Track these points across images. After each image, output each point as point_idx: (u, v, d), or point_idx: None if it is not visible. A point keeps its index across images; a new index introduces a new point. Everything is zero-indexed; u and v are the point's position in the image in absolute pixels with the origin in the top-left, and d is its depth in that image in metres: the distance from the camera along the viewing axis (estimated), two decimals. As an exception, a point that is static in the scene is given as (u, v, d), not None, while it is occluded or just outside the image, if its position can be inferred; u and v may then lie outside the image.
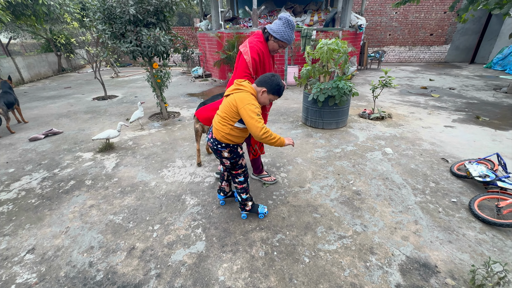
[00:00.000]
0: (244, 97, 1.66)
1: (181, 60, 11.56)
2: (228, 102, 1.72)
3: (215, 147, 1.86)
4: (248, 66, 1.95)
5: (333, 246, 1.90)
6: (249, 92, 1.70)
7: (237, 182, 2.05)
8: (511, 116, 4.58)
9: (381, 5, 11.20)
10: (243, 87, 1.72)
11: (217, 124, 1.81)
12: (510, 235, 1.97)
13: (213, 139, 1.86)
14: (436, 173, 2.81)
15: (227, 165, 1.96)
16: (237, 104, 1.65)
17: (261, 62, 1.99)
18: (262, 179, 2.72)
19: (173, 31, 4.62)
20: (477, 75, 8.61)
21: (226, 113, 1.73)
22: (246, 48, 1.95)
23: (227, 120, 1.74)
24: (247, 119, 1.62)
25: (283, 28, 1.89)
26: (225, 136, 1.79)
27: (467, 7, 5.80)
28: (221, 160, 1.95)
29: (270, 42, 1.99)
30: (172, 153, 3.41)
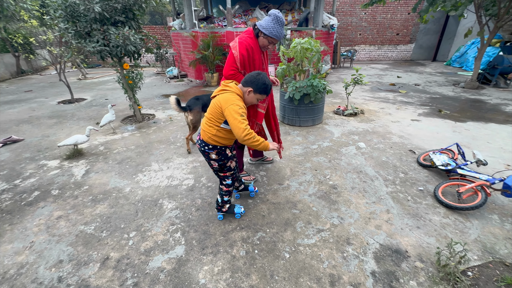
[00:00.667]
0: (229, 97, 1.65)
1: (154, 60, 11.17)
2: (213, 104, 1.72)
3: (203, 148, 1.84)
4: (236, 61, 1.97)
5: (312, 240, 1.95)
6: (234, 92, 1.69)
7: (224, 185, 2.03)
8: (469, 109, 5.01)
9: (351, 6, 11.67)
10: (229, 88, 1.71)
11: (204, 125, 1.79)
12: (470, 217, 2.15)
13: (200, 140, 1.84)
14: (405, 164, 3.00)
15: (215, 167, 1.92)
16: (221, 105, 1.64)
17: (250, 57, 2.00)
18: (241, 178, 2.71)
19: (144, 30, 4.46)
20: (439, 72, 9.30)
21: (212, 114, 1.72)
22: (235, 44, 1.98)
23: (213, 122, 1.73)
24: (230, 119, 1.61)
25: (272, 24, 1.92)
26: (212, 137, 1.77)
27: (427, 9, 6.24)
28: (208, 162, 1.92)
29: (260, 38, 2.01)
30: (147, 157, 3.28)
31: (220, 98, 1.67)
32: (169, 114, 4.94)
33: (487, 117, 4.56)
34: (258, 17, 8.28)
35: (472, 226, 2.06)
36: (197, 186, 2.66)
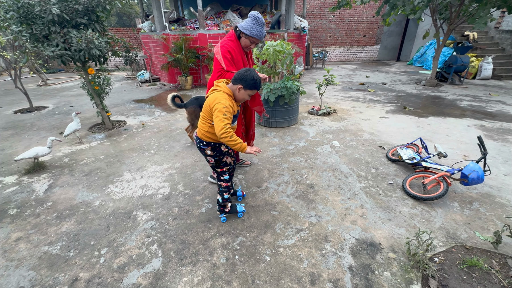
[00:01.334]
0: (217, 96, 1.74)
1: (124, 64, 10.65)
2: (205, 102, 1.83)
3: (199, 145, 1.95)
4: (220, 63, 2.08)
5: (292, 241, 1.97)
6: (223, 91, 1.77)
7: (222, 180, 2.09)
8: (430, 105, 5.42)
9: (320, 9, 12.10)
10: (218, 88, 1.80)
11: (199, 123, 1.90)
12: (434, 207, 2.32)
13: (196, 137, 1.95)
14: (376, 160, 3.16)
15: (212, 163, 2.03)
16: (210, 103, 1.75)
17: (233, 58, 2.09)
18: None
19: (109, 32, 4.23)
20: (402, 71, 9.97)
21: (204, 113, 1.84)
22: (218, 49, 2.09)
23: (206, 119, 1.83)
24: (213, 117, 1.71)
25: (253, 25, 2.01)
26: (205, 134, 1.86)
27: (389, 12, 6.66)
28: (206, 158, 2.02)
29: (242, 39, 2.10)
30: (118, 167, 3.11)
31: (210, 97, 1.78)
32: (142, 120, 4.73)
33: (446, 112, 4.97)
34: (230, 19, 8.26)
35: (436, 214, 2.22)
36: (173, 194, 2.57)
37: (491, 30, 9.22)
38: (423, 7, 5.80)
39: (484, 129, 4.11)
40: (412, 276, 1.67)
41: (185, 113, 3.46)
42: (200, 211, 2.32)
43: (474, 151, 3.33)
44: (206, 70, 7.58)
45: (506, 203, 2.36)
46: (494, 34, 9.10)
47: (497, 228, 2.04)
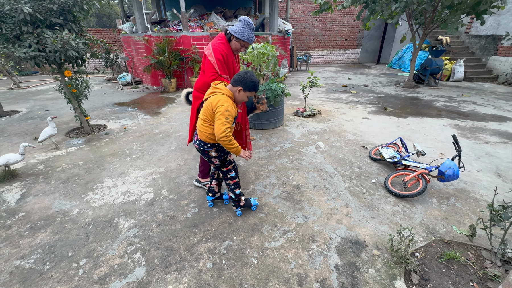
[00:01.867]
0: (219, 99, 1.76)
1: (104, 66, 10.30)
2: (206, 105, 1.83)
3: (202, 148, 1.95)
4: (214, 66, 2.08)
5: (279, 242, 1.97)
6: (224, 94, 1.79)
7: (230, 178, 2.12)
8: (408, 106, 5.66)
9: (304, 12, 12.34)
10: (219, 90, 1.81)
11: (200, 126, 1.89)
12: (415, 203, 2.41)
13: (199, 141, 1.94)
14: (359, 159, 3.24)
15: (217, 163, 2.05)
16: (213, 106, 1.76)
17: (225, 61, 2.11)
18: (206, 186, 2.64)
19: (87, 33, 4.07)
20: (382, 73, 10.36)
21: (206, 115, 1.83)
22: (210, 51, 2.07)
23: (208, 122, 1.84)
24: (216, 119, 1.74)
25: (243, 29, 2.04)
26: (209, 136, 1.87)
27: (369, 17, 6.91)
28: (209, 160, 2.02)
29: (233, 42, 2.12)
30: (99, 173, 2.98)
31: (212, 100, 1.78)
32: (123, 124, 4.58)
33: (423, 112, 5.21)
34: (214, 22, 8.22)
35: (417, 211, 2.31)
36: (157, 199, 2.49)
37: (462, 35, 9.80)
38: (400, 13, 6.07)
39: (458, 128, 4.35)
40: (395, 271, 1.72)
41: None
42: (185, 216, 2.27)
43: (449, 149, 3.50)
44: (190, 72, 7.48)
45: (479, 198, 2.49)
46: (464, 38, 9.68)
47: (472, 222, 2.15)
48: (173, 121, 4.73)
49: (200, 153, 2.01)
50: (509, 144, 3.69)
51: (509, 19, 8.57)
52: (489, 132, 4.14)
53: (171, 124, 4.57)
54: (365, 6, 6.76)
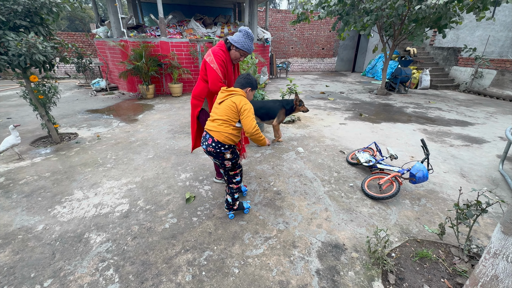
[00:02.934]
0: (242, 99, 1.93)
1: (76, 71, 9.79)
2: (227, 106, 1.92)
3: (218, 150, 1.96)
4: (217, 73, 2.13)
5: (260, 250, 1.95)
6: (242, 95, 1.97)
7: (234, 183, 2.18)
8: (382, 112, 5.97)
9: (282, 22, 12.71)
10: (236, 92, 1.96)
11: (218, 128, 1.93)
12: (389, 205, 2.51)
13: (215, 142, 1.94)
14: (337, 164, 3.34)
15: (228, 166, 2.07)
16: (237, 105, 1.90)
17: (225, 69, 2.18)
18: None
19: (56, 37, 3.86)
20: (357, 81, 10.87)
21: (228, 115, 1.92)
22: (211, 57, 2.11)
23: (229, 122, 1.93)
24: (245, 116, 1.88)
25: (243, 39, 2.11)
26: (228, 136, 1.94)
27: (343, 28, 7.26)
28: (222, 162, 2.04)
29: (232, 51, 2.17)
30: (68, 184, 2.79)
31: (235, 100, 1.91)
32: (96, 132, 4.35)
33: (395, 118, 5.52)
34: (194, 28, 8.19)
35: (391, 212, 2.41)
36: (133, 211, 2.37)
37: (427, 47, 10.62)
38: (371, 25, 6.46)
39: (426, 132, 4.65)
40: (373, 273, 1.76)
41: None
42: (163, 227, 2.17)
43: (419, 152, 3.72)
44: (169, 79, 7.34)
45: (447, 198, 2.66)
46: (429, 50, 10.50)
47: (441, 221, 2.29)
48: (151, 128, 4.58)
49: (214, 156, 2.01)
50: (471, 147, 4.01)
51: (466, 33, 9.46)
52: (453, 136, 4.47)
53: (148, 131, 4.42)
54: (340, 18, 7.12)
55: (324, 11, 6.96)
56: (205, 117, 2.41)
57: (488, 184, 2.95)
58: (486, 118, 5.70)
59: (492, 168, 3.33)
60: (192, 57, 7.37)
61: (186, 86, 7.64)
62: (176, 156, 3.48)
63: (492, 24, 8.51)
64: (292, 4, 27.06)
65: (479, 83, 8.59)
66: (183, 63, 7.30)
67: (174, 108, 5.98)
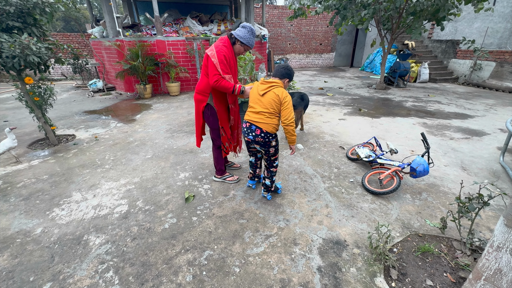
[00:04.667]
0: (283, 91, 2.07)
1: (72, 72, 9.73)
2: (271, 99, 2.05)
3: (267, 139, 2.12)
4: (217, 67, 2.14)
5: (261, 248, 1.93)
6: (282, 86, 2.10)
7: (274, 166, 2.36)
8: (381, 107, 5.94)
9: (279, 18, 12.61)
10: (276, 83, 2.08)
11: (266, 120, 2.07)
12: (390, 200, 2.50)
13: (264, 133, 2.09)
14: (337, 160, 3.31)
15: (272, 152, 2.25)
16: (280, 97, 2.04)
17: (228, 63, 2.20)
18: (226, 179, 2.79)
19: (51, 37, 3.82)
20: (356, 76, 10.82)
21: (273, 108, 2.06)
22: (213, 52, 2.15)
23: (275, 113, 2.08)
24: (285, 108, 2.03)
25: (248, 35, 2.19)
26: (275, 127, 2.11)
27: (341, 23, 7.19)
28: (268, 150, 2.21)
29: (237, 46, 2.24)
30: (66, 186, 2.76)
31: (278, 92, 2.04)
32: (94, 133, 4.32)
33: (394, 112, 5.49)
34: (190, 26, 8.11)
35: (392, 207, 2.39)
36: (132, 212, 2.35)
37: (425, 40, 10.55)
38: (369, 19, 6.40)
39: (426, 126, 4.62)
40: (375, 269, 1.75)
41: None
42: (163, 227, 2.16)
43: (419, 146, 3.70)
44: (166, 78, 7.29)
45: (448, 191, 2.64)
46: (427, 43, 10.43)
47: (443, 214, 2.27)
48: (149, 128, 4.54)
49: (261, 144, 2.17)
50: (471, 140, 3.99)
51: (464, 25, 9.39)
52: (453, 129, 4.45)
53: (146, 131, 4.39)
54: (337, 13, 7.05)
55: (321, 5, 6.88)
56: (211, 112, 2.40)
57: (489, 176, 2.93)
58: (486, 110, 5.67)
59: (492, 160, 3.31)
60: (189, 56, 7.31)
61: (183, 85, 7.59)
62: (175, 156, 3.45)
63: (490, 16, 8.44)
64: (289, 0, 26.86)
65: (478, 75, 8.55)
66: (180, 62, 7.24)
67: (172, 107, 5.94)
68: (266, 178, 2.41)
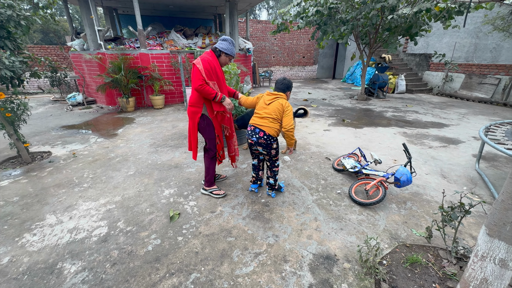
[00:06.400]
0: (285, 102, 2.42)
1: (50, 86, 9.34)
2: (275, 107, 2.38)
3: (268, 141, 2.39)
4: (201, 73, 2.29)
5: (250, 267, 1.86)
6: (285, 98, 2.46)
7: (276, 166, 2.61)
8: (363, 117, 6.14)
9: (263, 32, 12.95)
10: (280, 95, 2.44)
11: (269, 124, 2.37)
12: (377, 210, 2.52)
13: (267, 135, 2.37)
14: (324, 171, 3.34)
15: (273, 154, 2.50)
16: (283, 106, 2.38)
17: (213, 70, 2.37)
18: (212, 193, 2.77)
19: (25, 51, 3.66)
20: (338, 87, 11.20)
21: (277, 115, 2.37)
22: (199, 60, 2.33)
23: (277, 120, 2.39)
24: (286, 115, 2.36)
25: (230, 46, 2.42)
26: (276, 131, 2.40)
27: (322, 37, 7.49)
28: (269, 151, 2.46)
29: (222, 57, 2.45)
30: (39, 208, 2.57)
31: (281, 102, 2.39)
32: (72, 149, 4.11)
33: (376, 122, 5.68)
34: (174, 40, 8.12)
35: (380, 218, 2.41)
36: (112, 234, 2.21)
37: (400, 53, 11.20)
38: (348, 34, 6.71)
39: (406, 135, 4.81)
40: (366, 283, 1.73)
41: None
42: (146, 249, 2.03)
43: (401, 155, 3.82)
44: (150, 91, 7.17)
45: (431, 199, 2.72)
46: (403, 56, 11.06)
47: (427, 223, 2.32)
48: (132, 143, 4.39)
49: (263, 146, 2.41)
50: (449, 148, 4.18)
51: (435, 40, 10.09)
52: (431, 138, 4.66)
53: (129, 146, 4.23)
54: (318, 28, 7.35)
55: (302, 21, 7.16)
56: (206, 122, 2.49)
57: (467, 183, 3.06)
58: (459, 119, 6.02)
59: (469, 167, 3.47)
60: (173, 69, 7.26)
61: (168, 98, 7.49)
62: (159, 171, 3.34)
63: (457, 32, 9.14)
64: (272, 15, 27.80)
65: (450, 86, 9.13)
66: (164, 75, 7.17)
67: (156, 120, 5.81)
68: (270, 177, 2.67)
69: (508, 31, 7.25)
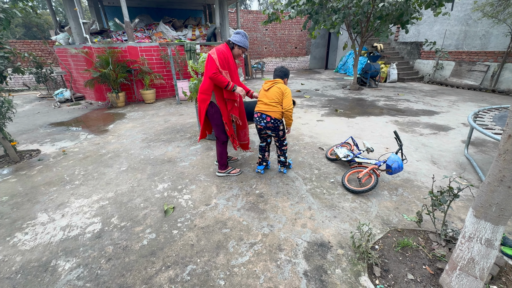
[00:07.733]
0: (283, 86, 2.63)
1: (36, 82, 9.04)
2: (275, 92, 2.59)
3: (275, 124, 2.62)
4: (215, 62, 2.45)
5: (246, 257, 1.88)
6: (282, 83, 2.66)
7: (284, 145, 2.85)
8: (355, 107, 6.17)
9: (254, 22, 12.73)
10: (277, 81, 2.65)
11: (273, 108, 2.58)
12: (370, 198, 2.57)
13: (273, 119, 2.60)
14: (317, 161, 3.36)
15: (281, 134, 2.74)
16: (282, 90, 2.58)
17: (226, 61, 2.54)
18: (230, 173, 3.03)
19: (7, 46, 3.51)
20: (331, 77, 11.19)
21: (278, 98, 2.58)
22: (214, 51, 2.49)
23: (279, 103, 2.59)
24: (285, 97, 2.57)
25: (244, 39, 2.57)
26: (280, 113, 2.60)
27: (313, 27, 7.41)
28: (277, 133, 2.71)
29: (235, 49, 2.60)
30: (30, 207, 2.52)
31: (280, 87, 2.60)
32: (62, 147, 4.02)
33: (368, 111, 5.72)
34: (163, 32, 7.91)
35: (372, 204, 2.46)
36: (106, 230, 2.20)
37: (392, 42, 11.20)
38: (340, 23, 6.66)
39: (398, 123, 4.87)
40: (359, 268, 1.77)
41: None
42: (141, 244, 2.03)
43: (393, 143, 3.88)
44: (140, 85, 7.02)
45: (421, 185, 2.78)
46: (394, 45, 11.07)
47: (418, 208, 2.37)
48: (123, 138, 4.32)
49: (272, 129, 2.66)
50: (439, 135, 4.26)
51: (426, 28, 10.10)
52: (422, 125, 4.73)
53: (120, 142, 4.17)
54: (310, 17, 7.26)
55: (294, 10, 7.05)
56: (214, 109, 2.66)
57: (457, 168, 3.13)
58: (449, 106, 6.11)
59: (458, 153, 3.55)
60: (163, 62, 7.11)
61: (159, 92, 7.36)
62: (152, 166, 3.30)
63: (448, 19, 9.17)
64: (263, 4, 27.29)
65: (441, 74, 9.22)
66: (154, 68, 7.02)
67: (148, 115, 5.72)
68: (280, 156, 2.94)
69: (497, 17, 7.31)
